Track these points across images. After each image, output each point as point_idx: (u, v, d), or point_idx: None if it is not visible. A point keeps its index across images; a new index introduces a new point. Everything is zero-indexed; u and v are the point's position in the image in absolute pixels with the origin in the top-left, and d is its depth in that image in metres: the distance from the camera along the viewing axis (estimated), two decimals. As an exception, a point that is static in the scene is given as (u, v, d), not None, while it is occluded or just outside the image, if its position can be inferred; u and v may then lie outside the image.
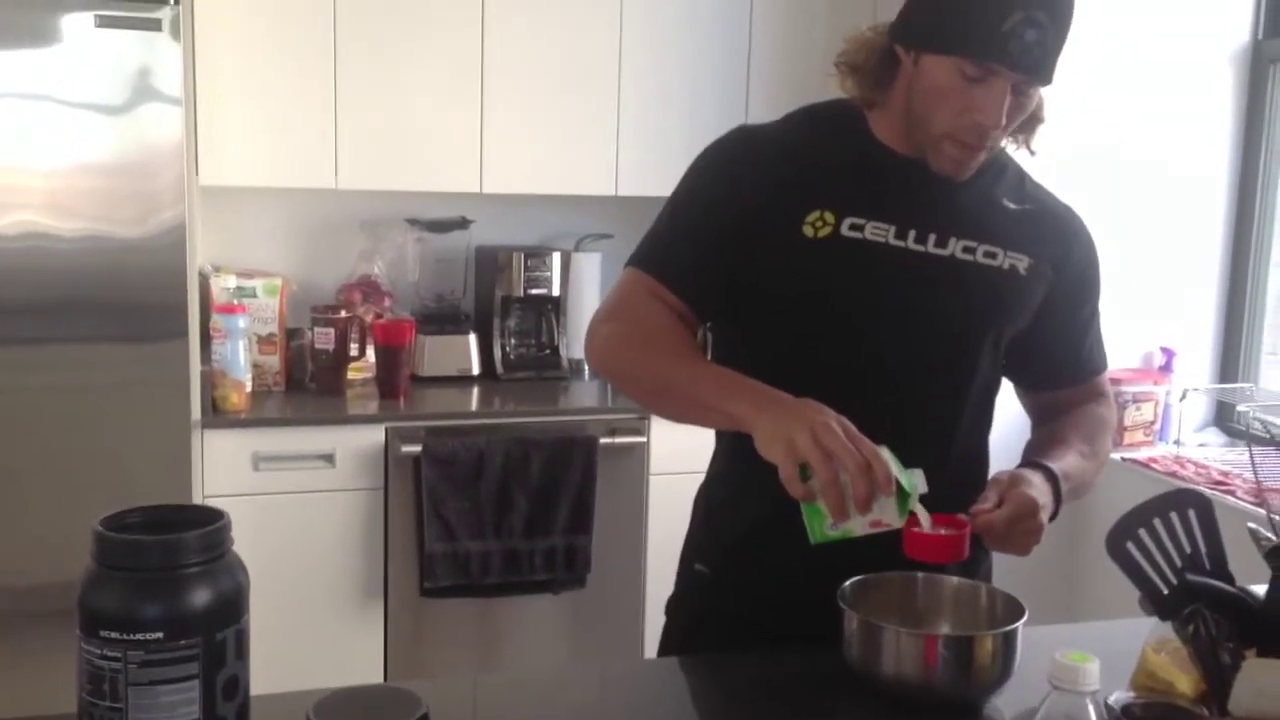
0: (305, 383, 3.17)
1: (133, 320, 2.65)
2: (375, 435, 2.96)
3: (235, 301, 3.01)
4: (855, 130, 1.50)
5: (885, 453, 1.26)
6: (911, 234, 1.44)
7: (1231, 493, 2.80)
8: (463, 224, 3.43)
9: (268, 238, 3.41)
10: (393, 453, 2.95)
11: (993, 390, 1.56)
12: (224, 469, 2.85)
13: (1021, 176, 1.55)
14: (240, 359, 2.91)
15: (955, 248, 1.45)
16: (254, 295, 3.07)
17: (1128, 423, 3.22)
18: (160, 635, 1.07)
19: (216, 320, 2.91)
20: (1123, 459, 3.14)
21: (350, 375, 3.16)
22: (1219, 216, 3.46)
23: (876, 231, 1.43)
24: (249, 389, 2.97)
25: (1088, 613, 3.03)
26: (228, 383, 2.89)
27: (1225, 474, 2.97)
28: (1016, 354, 1.55)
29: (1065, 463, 1.44)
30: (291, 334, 3.19)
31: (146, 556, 1.09)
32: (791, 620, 1.45)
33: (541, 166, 3.29)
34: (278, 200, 3.39)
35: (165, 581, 1.09)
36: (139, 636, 1.06)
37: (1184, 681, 1.19)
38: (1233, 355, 3.47)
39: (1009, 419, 1.67)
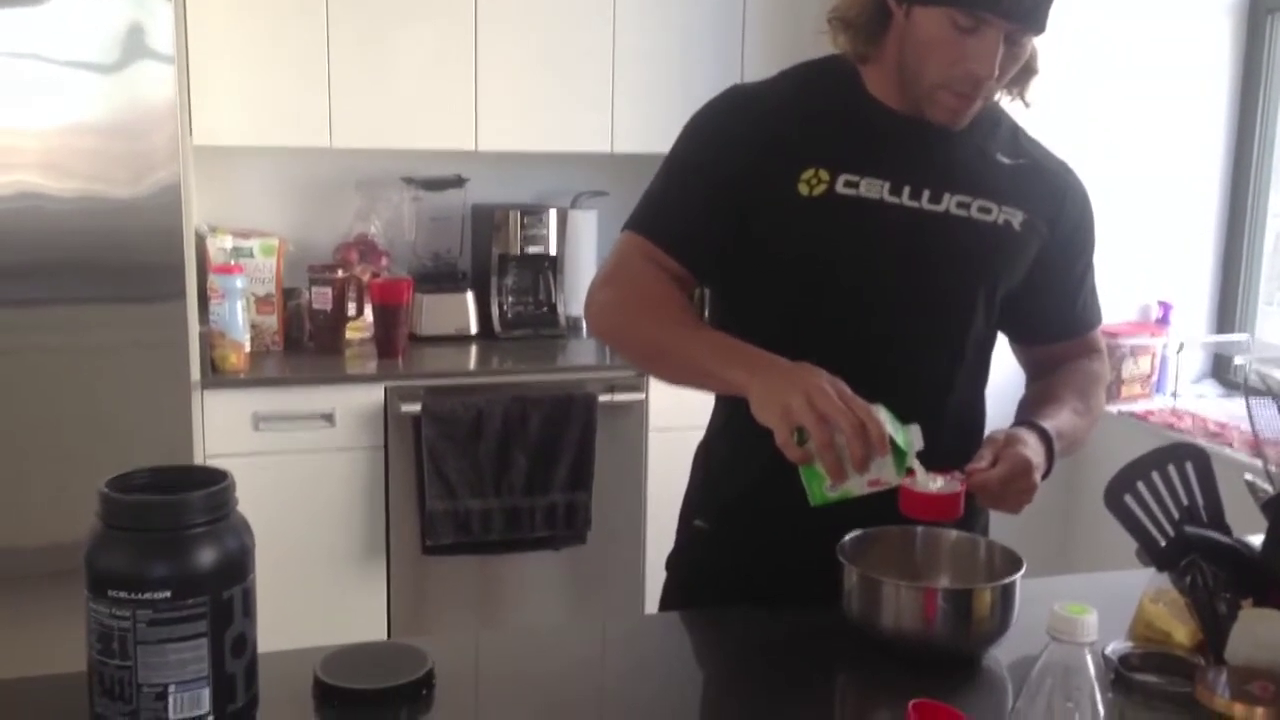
0: (303, 342, 3.18)
1: (129, 281, 2.64)
2: (375, 394, 2.96)
3: (232, 262, 3.00)
4: (849, 87, 1.49)
5: (881, 411, 1.27)
6: (906, 190, 1.44)
7: (1229, 444, 2.82)
8: (458, 182, 3.42)
9: (263, 198, 3.39)
10: (392, 411, 2.96)
11: (988, 345, 1.56)
12: (224, 429, 2.86)
13: (1015, 131, 1.55)
14: (238, 319, 2.91)
15: (950, 203, 1.45)
16: (251, 255, 3.06)
17: (1125, 375, 3.23)
18: (168, 594, 1.08)
19: (214, 281, 2.91)
20: (1119, 411, 3.15)
21: (348, 335, 3.16)
22: (1216, 169, 3.45)
23: (871, 188, 1.43)
24: (248, 349, 2.97)
25: (1084, 564, 3.05)
26: (226, 343, 2.89)
27: (1222, 425, 2.98)
28: (1011, 308, 1.56)
29: (1059, 421, 1.44)
30: (289, 294, 3.18)
31: (153, 517, 1.10)
32: (791, 575, 1.46)
33: (537, 124, 3.27)
34: (273, 160, 3.37)
35: (172, 541, 1.10)
36: (147, 596, 1.07)
37: (1181, 631, 1.21)
38: (1229, 307, 3.47)
39: (1005, 374, 1.67)
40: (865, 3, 1.45)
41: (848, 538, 1.37)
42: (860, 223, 1.43)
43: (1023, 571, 1.30)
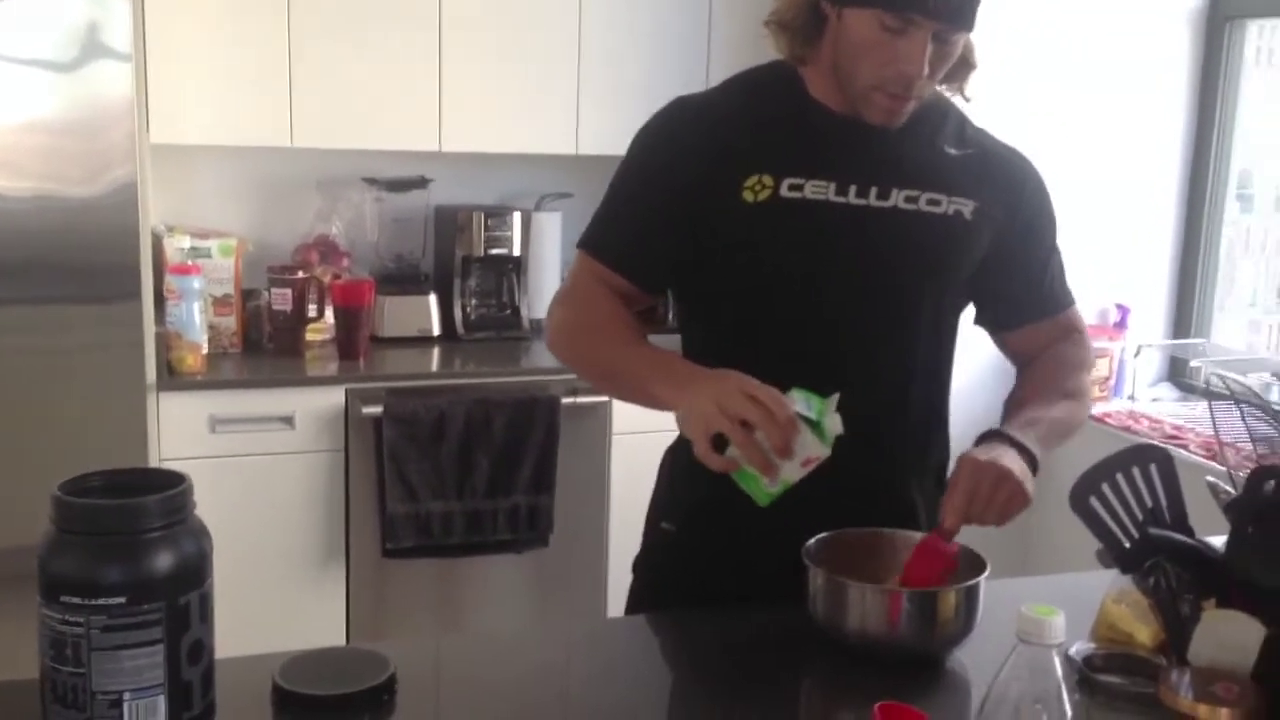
0: (263, 344, 3.14)
1: (85, 281, 2.60)
2: (335, 397, 2.93)
3: (190, 262, 2.96)
4: (791, 91, 1.50)
5: (794, 392, 1.28)
6: (852, 189, 1.45)
7: (1185, 446, 2.85)
8: (421, 183, 3.39)
9: (222, 197, 3.35)
10: (353, 414, 2.93)
11: (948, 335, 1.57)
12: (181, 432, 2.82)
13: (963, 122, 1.56)
14: (196, 320, 2.87)
15: (898, 198, 1.46)
16: (209, 255, 3.02)
17: (1084, 379, 3.25)
18: (123, 600, 1.06)
19: (171, 281, 2.87)
20: (1079, 415, 3.17)
21: (309, 336, 3.12)
22: (1174, 174, 3.49)
23: (816, 190, 1.45)
24: (205, 351, 2.93)
25: (1045, 566, 3.07)
26: (183, 344, 2.85)
27: (1179, 428, 3.02)
28: (981, 296, 1.58)
29: (1026, 414, 1.44)
30: (248, 295, 3.14)
31: (107, 521, 1.08)
32: (758, 576, 1.46)
33: (501, 125, 3.25)
34: (232, 159, 3.33)
35: (127, 546, 1.08)
36: (101, 601, 1.06)
37: (1143, 632, 1.21)
38: (1186, 311, 3.51)
39: (980, 370, 1.67)
40: (801, 6, 1.46)
41: (813, 540, 1.37)
42: (807, 224, 1.45)
43: (987, 573, 1.31)
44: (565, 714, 1.28)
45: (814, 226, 1.45)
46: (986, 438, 1.40)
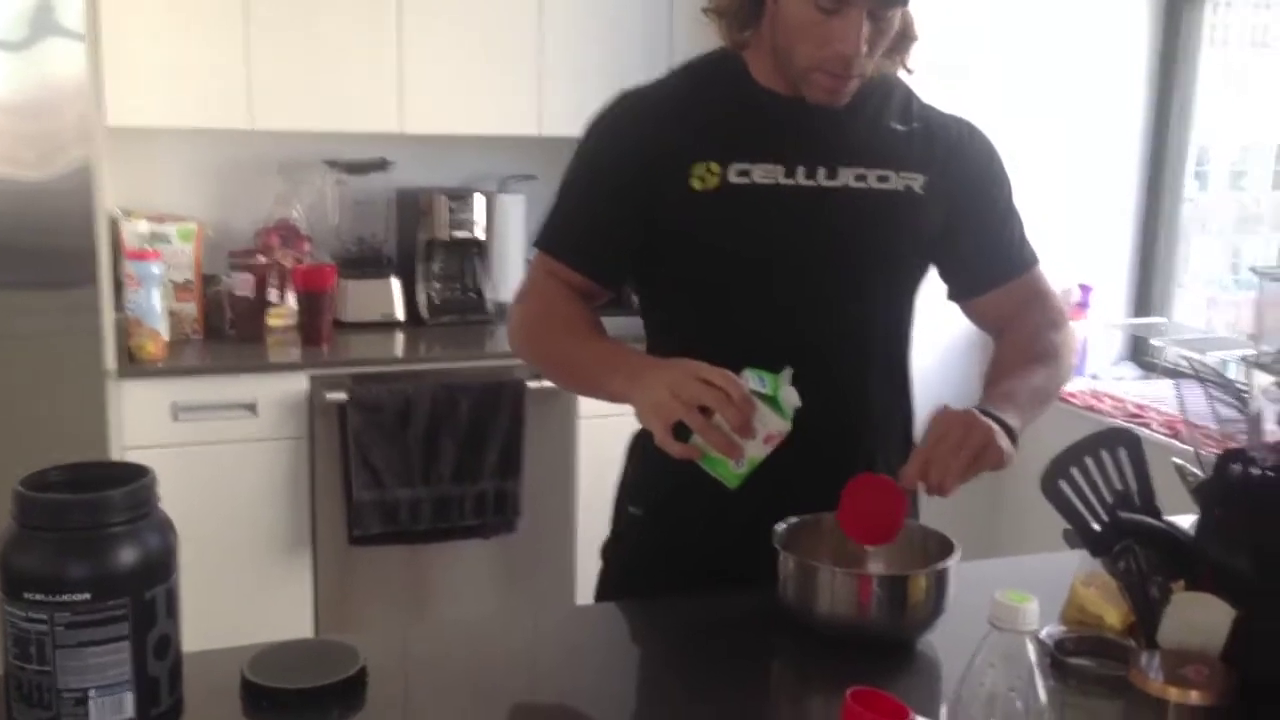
0: (224, 330, 3.10)
1: (40, 266, 2.55)
2: (298, 383, 2.90)
3: (148, 247, 2.92)
4: (734, 77, 1.51)
5: (748, 371, 1.29)
6: (800, 170, 1.46)
7: (1148, 425, 2.87)
8: (383, 165, 3.36)
9: (181, 180, 3.30)
10: (317, 400, 2.90)
11: (906, 310, 1.58)
12: (142, 420, 2.78)
13: (909, 97, 1.56)
14: (155, 306, 2.83)
15: (846, 177, 1.47)
16: (168, 241, 2.98)
17: (1046, 359, 3.27)
18: (87, 596, 1.04)
19: (129, 267, 2.82)
20: (1042, 394, 3.20)
21: (271, 322, 3.09)
22: (1135, 153, 3.50)
23: (765, 174, 1.45)
24: (166, 337, 2.89)
25: (1011, 546, 3.10)
26: (143, 331, 2.81)
27: (1141, 407, 3.04)
28: (944, 268, 1.58)
29: (1006, 393, 1.43)
30: (208, 280, 3.10)
31: (70, 516, 1.07)
32: (726, 559, 1.46)
33: (463, 106, 3.22)
34: (190, 141, 3.28)
35: (91, 541, 1.06)
36: (65, 598, 1.04)
37: (1113, 614, 1.22)
38: (1146, 290, 3.54)
39: (943, 344, 1.68)
40: None
41: (782, 525, 1.37)
42: (757, 209, 1.45)
43: (957, 557, 1.31)
44: (535, 702, 1.27)
45: (764, 210, 1.46)
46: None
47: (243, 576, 2.91)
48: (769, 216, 1.46)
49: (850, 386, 1.52)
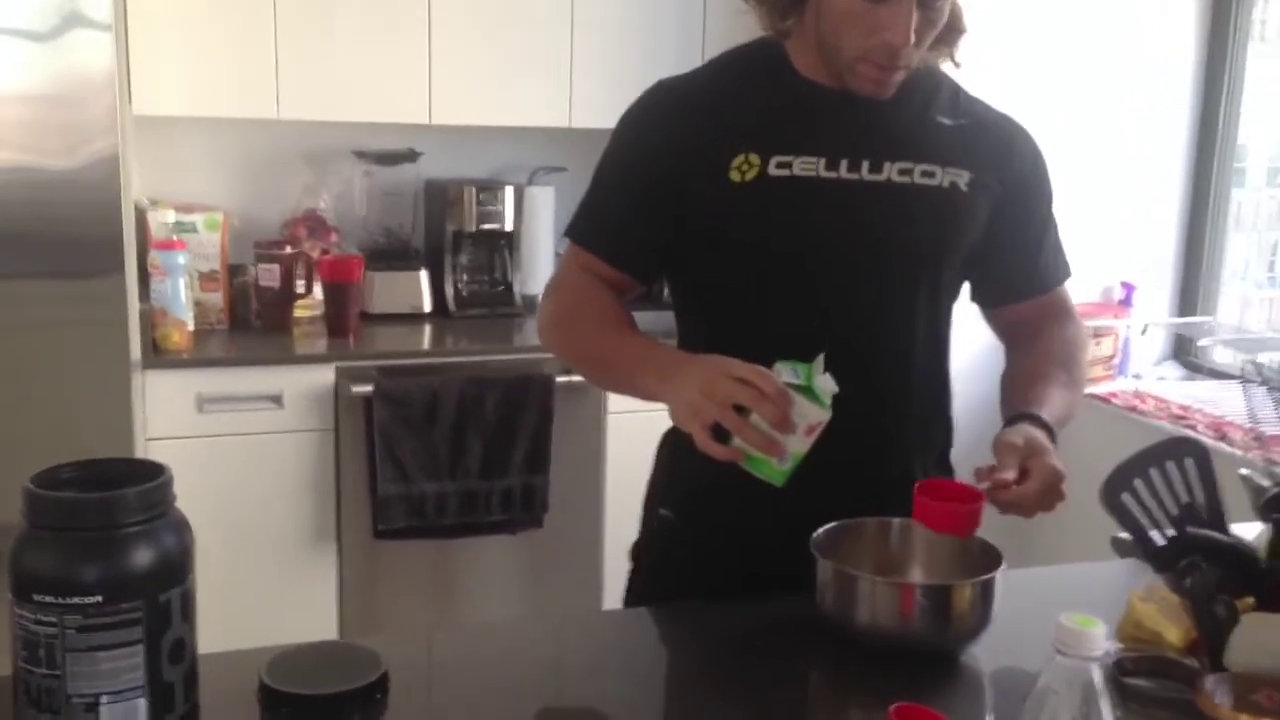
0: (250, 321, 3.07)
1: (65, 255, 2.52)
2: (324, 375, 2.87)
3: (174, 237, 2.89)
4: (776, 67, 1.46)
5: (779, 364, 1.24)
6: (843, 163, 1.41)
7: (1193, 427, 2.79)
8: (411, 156, 3.32)
9: (208, 170, 3.27)
10: (343, 393, 2.87)
11: (946, 312, 1.53)
12: (167, 411, 2.75)
13: (956, 92, 1.51)
14: (181, 297, 2.80)
15: (890, 171, 1.42)
16: (194, 230, 2.95)
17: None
18: (99, 598, 1.00)
19: (155, 257, 2.79)
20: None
21: (297, 313, 3.06)
22: (1180, 148, 3.43)
23: (805, 166, 1.41)
24: (191, 328, 2.87)
25: (1045, 549, 3.01)
26: (169, 321, 2.79)
27: (1186, 409, 2.96)
28: (973, 270, 1.53)
29: (1053, 406, 1.40)
30: (234, 270, 3.07)
31: (83, 515, 1.03)
32: (760, 561, 1.42)
33: (492, 96, 3.18)
34: (217, 131, 3.25)
35: (103, 541, 1.02)
36: (76, 600, 1.00)
37: (1173, 632, 1.16)
38: (1191, 288, 3.46)
39: (977, 349, 1.63)
40: None
41: (821, 531, 1.32)
42: (798, 202, 1.41)
43: (1003, 566, 1.25)
44: (563, 712, 1.23)
45: (804, 204, 1.41)
46: (1036, 423, 1.35)
47: (267, 570, 2.89)
48: (808, 209, 1.42)
49: (889, 391, 1.47)
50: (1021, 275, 1.55)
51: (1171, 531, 1.08)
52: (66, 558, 1.01)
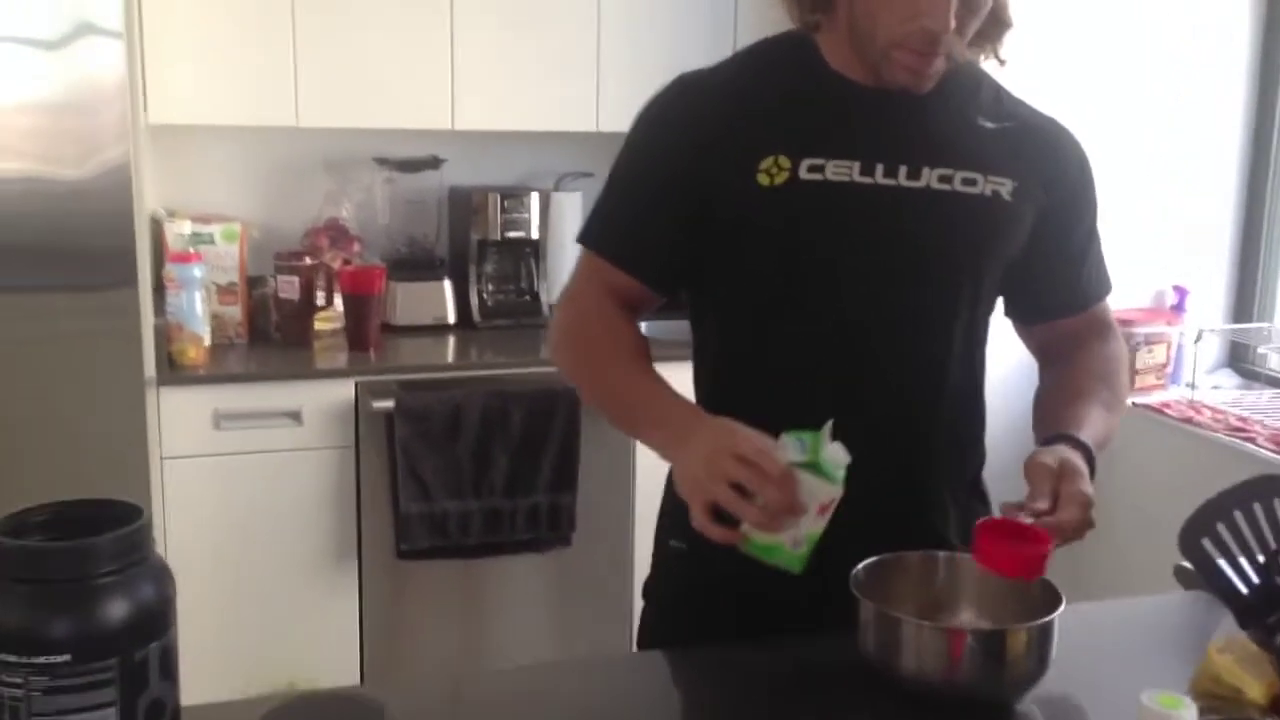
0: (270, 334, 2.99)
1: (77, 267, 2.46)
2: (345, 390, 2.79)
3: (191, 249, 2.82)
4: (806, 62, 1.36)
5: (785, 437, 1.15)
6: (879, 168, 1.31)
7: (1252, 440, 2.66)
8: (434, 163, 3.24)
9: (225, 180, 3.20)
10: (363, 409, 2.79)
11: (983, 328, 1.42)
12: (183, 428, 2.68)
13: (998, 92, 1.40)
14: (197, 310, 2.73)
15: (930, 178, 1.31)
16: (211, 242, 2.88)
17: (1139, 366, 3.07)
18: (68, 657, 0.92)
19: (170, 270, 2.72)
20: (1133, 404, 3.00)
21: (317, 326, 2.98)
22: (1234, 149, 3.30)
23: (839, 170, 1.30)
24: (208, 342, 2.80)
25: (1094, 574, 2.87)
26: (184, 336, 2.71)
27: (1244, 420, 2.82)
28: (1011, 283, 1.42)
29: (1094, 427, 1.30)
30: (254, 283, 3.00)
31: (50, 565, 0.94)
32: (781, 595, 1.29)
33: (517, 101, 3.09)
34: (235, 139, 3.18)
35: (73, 594, 0.94)
36: (43, 660, 0.91)
37: (1255, 688, 1.05)
38: (1247, 293, 3.33)
39: (1011, 364, 1.53)
40: None
41: (861, 566, 1.22)
42: (830, 209, 1.31)
43: (1062, 608, 1.14)
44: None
45: (837, 211, 1.31)
46: (1074, 445, 1.24)
47: (287, 590, 2.80)
48: (841, 217, 1.31)
49: (921, 409, 1.36)
50: (1063, 290, 1.45)
51: (1258, 580, 0.96)
52: (32, 612, 0.93)
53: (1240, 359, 3.34)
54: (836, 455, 1.12)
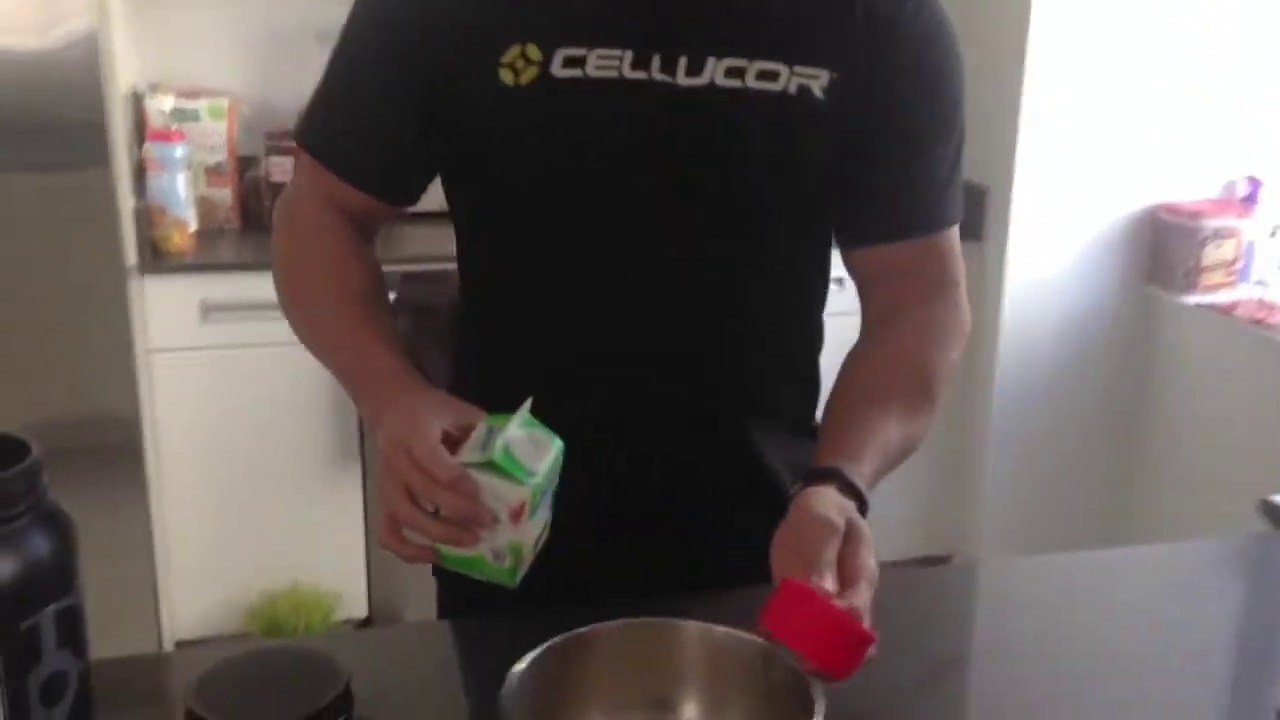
0: (263, 220, 2.80)
1: (44, 145, 2.29)
2: (343, 280, 2.60)
3: (173, 125, 2.61)
4: None
5: (482, 425, 0.95)
6: (656, 59, 1.04)
7: (1329, 347, 2.45)
8: (439, 33, 2.99)
9: (213, 51, 2.96)
10: (363, 300, 2.61)
11: (807, 266, 1.18)
12: (168, 320, 2.52)
13: None
14: (180, 193, 2.54)
15: (715, 71, 1.04)
16: (196, 119, 2.67)
17: (1206, 262, 2.82)
18: (-67, 630, 0.75)
19: (149, 149, 2.53)
20: (1198, 304, 2.77)
21: (315, 210, 2.78)
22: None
23: (604, 63, 1.03)
24: (193, 228, 2.62)
25: (1149, 493, 2.68)
26: (167, 221, 2.53)
27: (1319, 322, 2.61)
28: (827, 192, 1.13)
29: (875, 461, 1.03)
30: (244, 164, 2.80)
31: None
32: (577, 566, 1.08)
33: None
34: (223, 6, 2.94)
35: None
36: (-98, 633, 0.74)
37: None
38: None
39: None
40: None
41: (541, 649, 0.88)
42: (593, 113, 1.05)
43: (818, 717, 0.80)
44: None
45: (605, 115, 1.05)
46: (822, 478, 0.99)
47: (286, 491, 2.68)
48: (606, 124, 1.05)
49: (732, 356, 1.13)
50: (885, 207, 1.14)
51: None
52: (-113, 576, 0.75)
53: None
54: (524, 449, 0.91)
